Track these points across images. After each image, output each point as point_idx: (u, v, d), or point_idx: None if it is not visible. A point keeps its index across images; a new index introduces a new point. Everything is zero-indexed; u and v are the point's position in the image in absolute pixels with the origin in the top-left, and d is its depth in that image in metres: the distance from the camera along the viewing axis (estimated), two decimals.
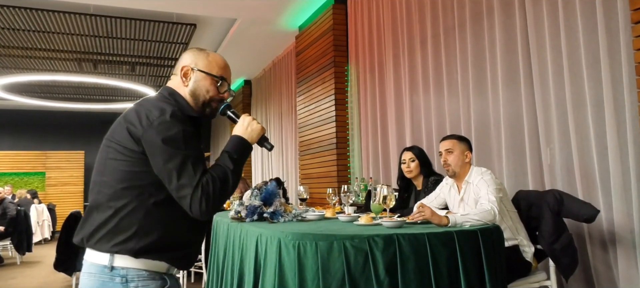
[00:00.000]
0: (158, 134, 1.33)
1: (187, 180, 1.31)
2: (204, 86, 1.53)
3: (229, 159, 1.42)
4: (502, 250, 2.18)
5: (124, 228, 1.34)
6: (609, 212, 2.83)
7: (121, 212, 1.34)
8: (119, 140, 1.38)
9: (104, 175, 1.39)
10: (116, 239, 1.34)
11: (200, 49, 1.60)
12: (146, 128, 1.34)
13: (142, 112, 1.37)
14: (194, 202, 1.31)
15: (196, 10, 6.13)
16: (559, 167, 3.13)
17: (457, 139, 2.77)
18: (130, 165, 1.36)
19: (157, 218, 1.37)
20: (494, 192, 2.42)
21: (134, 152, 1.35)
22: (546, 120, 3.21)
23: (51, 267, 5.46)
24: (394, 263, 1.88)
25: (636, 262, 2.71)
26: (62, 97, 10.95)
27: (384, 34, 5.05)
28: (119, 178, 1.36)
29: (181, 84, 1.54)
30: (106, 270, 1.35)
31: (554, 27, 3.14)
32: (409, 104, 4.62)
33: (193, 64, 1.54)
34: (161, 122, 1.34)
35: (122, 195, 1.35)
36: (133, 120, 1.37)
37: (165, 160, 1.31)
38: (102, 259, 1.35)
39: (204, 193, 1.31)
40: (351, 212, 3.01)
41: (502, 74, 3.53)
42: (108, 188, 1.37)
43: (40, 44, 7.14)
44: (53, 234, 10.42)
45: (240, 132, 1.50)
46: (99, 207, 1.38)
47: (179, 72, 1.55)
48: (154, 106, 1.40)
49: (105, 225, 1.36)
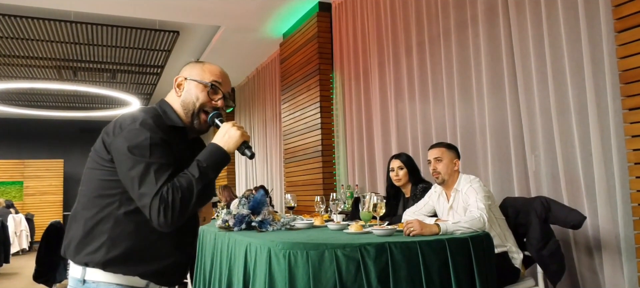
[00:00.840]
0: (124, 141, 1.31)
1: (147, 188, 1.27)
2: (193, 94, 1.49)
3: (196, 168, 1.35)
4: (492, 257, 2.19)
5: (94, 238, 1.33)
6: (594, 218, 2.87)
7: (90, 222, 1.34)
8: (96, 149, 1.39)
9: (83, 185, 1.41)
10: (86, 249, 1.33)
11: (198, 62, 1.58)
12: (116, 135, 1.34)
13: (118, 121, 1.38)
14: (152, 211, 1.26)
15: (179, 17, 6.08)
16: (544, 174, 3.17)
17: (446, 147, 2.78)
18: (103, 174, 1.35)
19: (127, 228, 1.34)
20: (483, 199, 2.44)
21: (105, 160, 1.35)
22: (531, 127, 3.25)
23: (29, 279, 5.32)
24: (386, 271, 1.87)
25: (621, 267, 2.75)
26: (41, 105, 10.74)
27: (369, 42, 5.07)
28: (93, 187, 1.37)
29: (175, 95, 1.54)
30: (79, 284, 1.34)
31: (538, 36, 3.18)
32: (394, 111, 4.63)
33: (186, 75, 1.53)
34: (130, 130, 1.32)
35: (93, 204, 1.35)
36: (108, 129, 1.38)
37: (129, 167, 1.29)
38: (76, 272, 1.36)
39: (163, 202, 1.26)
40: (340, 220, 2.99)
41: (487, 81, 3.57)
42: (83, 197, 1.39)
43: (18, 51, 7.00)
44: (31, 245, 10.17)
45: (217, 140, 1.44)
46: (75, 217, 1.40)
47: (174, 85, 1.54)
48: (130, 115, 1.39)
49: (77, 236, 1.36)
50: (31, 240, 10.26)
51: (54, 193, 12.21)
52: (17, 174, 12.00)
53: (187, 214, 1.32)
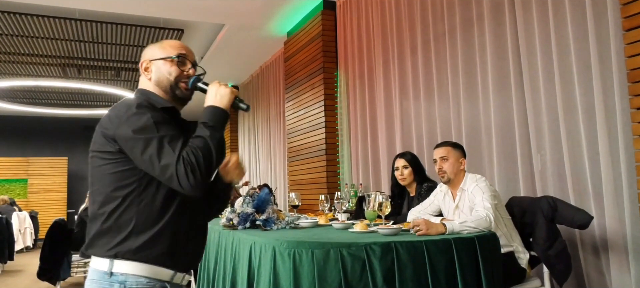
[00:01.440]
0: (129, 126, 1.33)
1: (168, 159, 1.30)
2: (164, 70, 1.53)
3: (204, 128, 1.40)
4: (499, 257, 2.17)
5: (120, 228, 1.35)
6: (601, 218, 2.84)
7: (114, 214, 1.35)
8: (98, 146, 1.40)
9: (94, 185, 1.41)
10: (113, 241, 1.35)
11: (155, 43, 1.60)
12: (117, 125, 1.35)
13: (112, 114, 1.40)
14: (181, 177, 1.29)
15: (184, 15, 6.07)
16: (550, 173, 3.14)
17: (452, 145, 2.76)
18: (113, 167, 1.37)
19: (151, 214, 1.37)
20: (489, 199, 2.42)
21: (112, 152, 1.36)
22: (537, 126, 3.23)
23: (33, 276, 5.33)
24: (391, 271, 1.86)
25: (628, 267, 2.72)
26: (46, 103, 10.76)
27: (373, 40, 5.05)
28: (107, 183, 1.37)
29: (144, 80, 1.56)
30: (106, 276, 1.34)
31: (545, 34, 3.16)
32: (399, 109, 4.61)
33: (149, 57, 1.56)
34: (129, 116, 1.35)
35: (112, 198, 1.36)
36: (105, 124, 1.40)
37: (142, 149, 1.32)
38: (102, 265, 1.36)
39: (188, 164, 1.30)
40: (345, 219, 2.98)
41: (493, 80, 3.54)
42: (99, 196, 1.39)
43: (23, 49, 7.01)
44: (35, 242, 10.20)
45: (211, 101, 1.48)
46: (94, 217, 1.40)
47: (142, 71, 1.57)
48: (123, 104, 1.42)
49: (101, 231, 1.37)
50: (35, 238, 10.29)
51: (58, 191, 12.24)
52: (22, 172, 12.04)
53: (212, 171, 1.37)
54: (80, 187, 12.26)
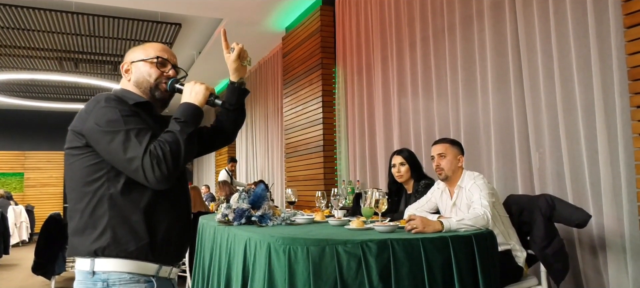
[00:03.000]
0: (96, 120, 1.33)
1: (133, 152, 1.29)
2: (144, 71, 1.54)
3: (175, 123, 1.40)
4: (496, 255, 2.15)
5: (95, 224, 1.33)
6: (599, 217, 2.82)
7: (87, 211, 1.34)
8: (68, 143, 1.40)
9: (68, 182, 1.41)
10: (89, 239, 1.32)
11: (138, 45, 1.61)
12: (85, 119, 1.35)
13: (82, 110, 1.40)
14: (147, 170, 1.28)
15: (181, 9, 6.03)
16: (549, 171, 3.13)
17: (450, 142, 2.73)
18: (84, 162, 1.36)
19: (124, 206, 1.34)
20: (487, 196, 2.39)
21: (80, 148, 1.36)
22: (536, 124, 3.20)
23: (28, 270, 5.31)
24: (387, 268, 1.84)
25: (626, 267, 2.71)
26: (42, 97, 10.72)
27: (372, 36, 5.02)
28: (77, 178, 1.37)
29: (124, 81, 1.58)
30: (89, 276, 1.32)
31: (545, 31, 3.13)
32: (397, 106, 4.59)
33: (130, 59, 1.57)
34: (97, 110, 1.35)
35: (83, 193, 1.35)
36: (75, 120, 1.41)
37: (109, 141, 1.31)
38: (84, 265, 1.34)
39: (154, 157, 1.28)
40: (341, 215, 2.95)
41: (492, 77, 3.52)
42: (72, 192, 1.39)
43: (20, 42, 6.96)
44: (31, 236, 10.17)
45: (185, 98, 1.50)
46: (70, 214, 1.40)
47: (122, 72, 1.58)
48: (92, 100, 1.42)
49: (78, 229, 1.35)
50: (31, 232, 10.26)
51: (55, 185, 12.21)
52: (18, 166, 12.00)
53: (180, 166, 1.35)
54: None
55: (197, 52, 8.08)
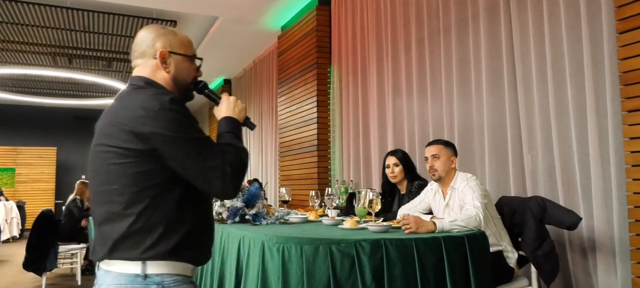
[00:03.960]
0: (167, 125, 1.25)
1: (212, 162, 1.27)
2: (185, 70, 1.45)
3: (234, 138, 1.39)
4: (488, 256, 2.18)
5: (151, 230, 1.26)
6: (590, 219, 2.86)
7: (143, 215, 1.25)
8: (119, 142, 1.26)
9: (110, 184, 1.28)
10: (145, 244, 1.25)
11: (162, 27, 1.47)
12: (148, 121, 1.24)
13: (140, 111, 1.26)
14: (225, 181, 1.27)
15: (177, 6, 6.02)
16: (541, 173, 3.16)
17: (444, 144, 2.76)
18: (139, 166, 1.26)
19: (180, 215, 1.29)
20: (479, 198, 2.42)
21: (141, 151, 1.25)
22: (529, 127, 3.23)
23: (19, 267, 5.27)
24: (380, 268, 1.85)
25: (615, 269, 2.74)
26: (35, 92, 10.65)
27: (367, 37, 5.04)
28: (131, 182, 1.26)
29: (157, 70, 1.41)
30: (139, 279, 1.25)
31: (539, 35, 3.16)
32: (391, 107, 4.61)
33: (168, 47, 1.42)
34: (166, 113, 1.26)
35: (139, 198, 1.26)
36: (130, 120, 1.26)
37: (183, 150, 1.25)
38: (132, 268, 1.25)
39: (228, 170, 1.28)
40: (335, 215, 2.97)
41: (486, 79, 3.54)
42: (121, 196, 1.26)
43: (13, 37, 6.92)
44: (22, 232, 10.10)
45: (229, 113, 1.45)
46: (115, 217, 1.27)
47: (150, 56, 1.41)
48: (148, 99, 1.29)
49: (129, 234, 1.26)
50: (22, 228, 10.19)
51: (47, 181, 12.13)
52: (10, 161, 11.91)
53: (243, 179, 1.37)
54: (68, 177, 12.16)
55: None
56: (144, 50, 1.42)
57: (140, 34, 1.45)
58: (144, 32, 1.45)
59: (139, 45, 1.43)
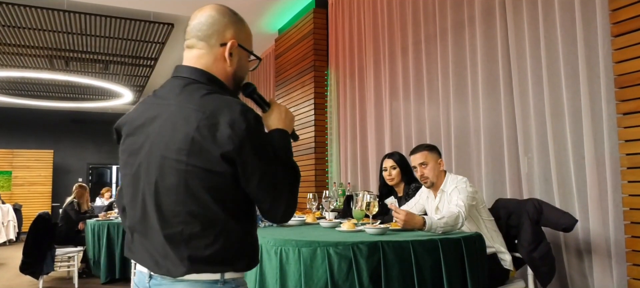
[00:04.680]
0: (256, 152, 1.14)
1: (281, 192, 1.19)
2: (245, 68, 1.31)
3: (291, 158, 1.27)
4: (484, 258, 2.19)
5: (229, 250, 1.18)
6: (585, 222, 2.87)
7: (223, 238, 1.16)
8: (201, 163, 1.12)
9: (186, 205, 1.15)
10: (225, 259, 1.18)
11: (233, 12, 1.30)
12: (240, 146, 1.11)
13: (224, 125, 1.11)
14: (286, 212, 1.20)
15: (174, 9, 6.03)
16: (536, 176, 3.17)
17: (428, 149, 2.75)
18: (219, 184, 1.14)
19: (245, 226, 1.21)
20: (464, 198, 2.45)
21: (224, 173, 1.13)
22: (525, 130, 3.25)
23: (16, 270, 5.26)
24: (378, 270, 1.86)
25: (611, 270, 2.76)
26: (32, 94, 10.62)
27: (364, 40, 5.06)
28: (211, 201, 1.14)
29: (218, 61, 1.25)
30: (219, 284, 1.19)
31: (534, 38, 3.19)
32: (388, 110, 4.62)
33: (238, 38, 1.26)
34: (252, 132, 1.13)
35: (218, 217, 1.15)
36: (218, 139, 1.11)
37: (262, 176, 1.15)
38: (211, 276, 1.19)
39: (292, 202, 1.22)
40: (332, 217, 2.98)
41: (483, 82, 3.57)
42: (199, 217, 1.15)
43: (10, 39, 6.91)
44: (18, 235, 10.06)
45: (281, 124, 1.33)
46: (189, 240, 1.16)
47: (215, 43, 1.25)
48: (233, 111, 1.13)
49: (209, 257, 1.16)
50: (18, 231, 10.15)
51: (43, 184, 12.09)
52: (6, 164, 11.86)
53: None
54: (65, 180, 12.13)
55: None
56: (211, 33, 1.25)
57: (208, 12, 1.27)
58: (215, 12, 1.27)
59: (205, 26, 1.25)
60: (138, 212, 1.21)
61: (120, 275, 5.49)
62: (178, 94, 1.20)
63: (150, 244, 1.19)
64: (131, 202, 1.23)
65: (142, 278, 1.24)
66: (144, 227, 1.20)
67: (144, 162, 1.19)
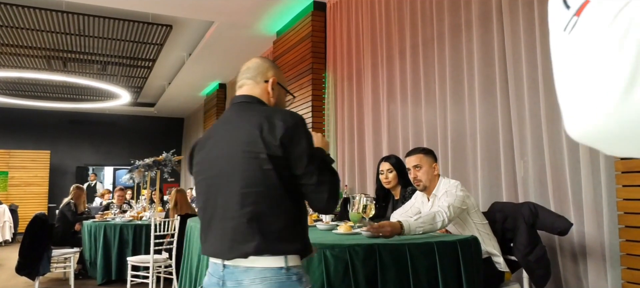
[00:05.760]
0: (301, 139, 1.43)
1: (325, 177, 1.44)
2: (283, 101, 1.65)
3: (329, 164, 1.54)
4: (479, 261, 2.20)
5: (291, 229, 1.43)
6: (580, 225, 2.89)
7: (285, 216, 1.42)
8: (265, 151, 1.40)
9: (257, 186, 1.41)
10: (287, 242, 1.41)
11: (267, 59, 1.67)
12: (290, 132, 1.41)
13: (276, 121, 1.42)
14: (330, 197, 1.45)
15: (172, 11, 6.03)
16: (532, 180, 3.19)
17: (423, 152, 2.77)
18: (280, 171, 1.41)
19: (304, 215, 1.50)
20: (451, 201, 2.46)
21: (281, 158, 1.40)
22: (521, 133, 3.27)
23: (12, 271, 5.25)
24: (374, 273, 1.88)
25: (605, 274, 2.78)
26: (29, 95, 10.60)
27: (362, 43, 5.08)
28: (275, 185, 1.41)
29: (264, 94, 1.59)
30: (283, 271, 1.39)
31: (530, 42, 3.21)
32: (386, 113, 4.64)
33: (277, 77, 1.62)
34: (306, 132, 1.45)
35: (282, 201, 1.42)
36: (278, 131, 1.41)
37: (308, 162, 1.42)
38: (277, 262, 1.39)
39: (333, 190, 1.46)
40: (329, 220, 2.99)
41: (479, 86, 3.58)
42: (267, 198, 1.41)
43: (7, 40, 6.90)
44: (15, 236, 10.03)
45: (320, 145, 1.59)
46: (260, 217, 1.41)
47: (260, 80, 1.60)
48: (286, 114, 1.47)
49: (275, 233, 1.40)
50: (14, 232, 10.13)
51: (40, 184, 12.05)
52: (2, 164, 11.83)
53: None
54: (62, 181, 12.10)
55: (187, 54, 8.08)
56: (257, 74, 1.61)
57: (255, 60, 1.66)
58: (259, 59, 1.66)
59: (253, 69, 1.62)
60: (215, 206, 1.46)
61: (117, 276, 5.49)
62: (237, 110, 1.55)
63: (225, 231, 1.43)
64: (207, 200, 1.50)
65: (217, 270, 1.45)
66: (219, 216, 1.45)
67: (215, 162, 1.49)
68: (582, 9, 0.58)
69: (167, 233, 4.73)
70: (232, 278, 1.40)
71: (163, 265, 4.95)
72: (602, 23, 0.54)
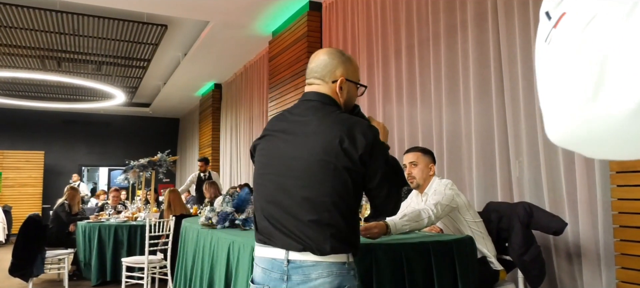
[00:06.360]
0: (379, 155, 1.48)
1: (393, 190, 1.54)
2: (353, 96, 1.63)
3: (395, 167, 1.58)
4: (474, 261, 2.21)
5: (353, 229, 1.51)
6: (575, 225, 2.90)
7: (351, 218, 1.49)
8: (346, 163, 1.44)
9: (332, 195, 1.45)
10: (350, 240, 1.49)
11: (342, 53, 1.62)
12: (370, 149, 1.45)
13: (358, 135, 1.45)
14: (395, 208, 1.57)
15: (168, 11, 6.02)
16: (527, 180, 3.20)
17: (422, 151, 2.78)
18: (355, 180, 1.46)
19: (356, 221, 1.55)
20: (439, 199, 2.48)
21: (358, 171, 1.46)
22: (516, 134, 3.28)
23: (5, 272, 5.21)
24: (369, 273, 1.87)
25: (600, 274, 2.79)
26: (23, 95, 10.55)
27: (358, 43, 5.08)
28: (349, 193, 1.46)
29: (334, 93, 1.58)
30: (345, 267, 1.47)
31: (526, 43, 3.21)
32: (381, 113, 4.64)
33: (345, 74, 1.58)
34: (379, 146, 1.49)
35: (351, 205, 1.49)
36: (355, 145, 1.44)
37: (381, 178, 1.49)
38: (341, 258, 1.47)
39: (399, 200, 1.57)
40: None
41: (474, 86, 3.59)
42: (340, 204, 1.46)
43: (1, 40, 6.86)
44: (8, 237, 9.97)
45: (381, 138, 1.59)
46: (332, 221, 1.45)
47: (329, 80, 1.57)
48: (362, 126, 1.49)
49: (344, 232, 1.46)
50: (8, 233, 10.06)
51: (34, 185, 11.99)
52: None
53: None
54: (56, 182, 12.03)
55: (183, 54, 8.06)
56: (325, 74, 1.58)
57: (322, 57, 1.61)
58: (326, 56, 1.60)
59: (320, 68, 1.59)
60: (283, 204, 1.49)
61: (111, 277, 5.46)
62: (315, 112, 1.53)
63: (295, 230, 1.46)
64: (274, 196, 1.52)
65: (277, 266, 1.48)
66: (289, 216, 1.47)
67: (289, 162, 1.50)
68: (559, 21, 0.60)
69: (162, 233, 4.72)
70: (299, 273, 1.45)
71: (158, 265, 4.93)
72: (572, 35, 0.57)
